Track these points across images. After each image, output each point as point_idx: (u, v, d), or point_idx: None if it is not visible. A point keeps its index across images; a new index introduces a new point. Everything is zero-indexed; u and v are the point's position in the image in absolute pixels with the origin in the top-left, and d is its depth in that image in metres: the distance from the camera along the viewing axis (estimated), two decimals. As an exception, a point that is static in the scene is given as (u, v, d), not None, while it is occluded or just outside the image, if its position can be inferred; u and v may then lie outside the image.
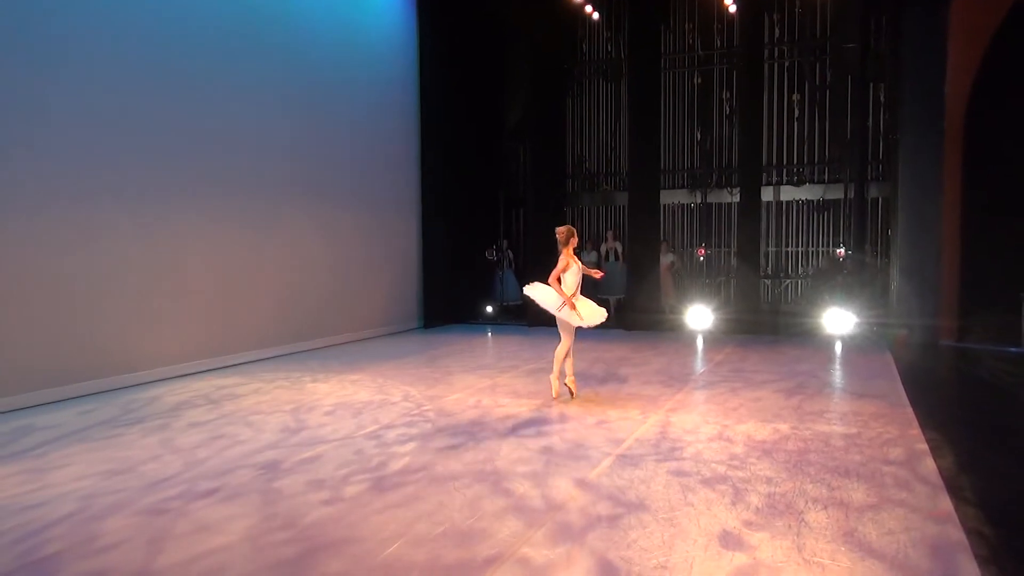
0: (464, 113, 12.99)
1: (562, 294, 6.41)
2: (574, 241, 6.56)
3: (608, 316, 6.73)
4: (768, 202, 14.56)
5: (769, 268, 14.82)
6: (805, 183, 14.53)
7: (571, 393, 6.73)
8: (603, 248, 14.46)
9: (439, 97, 12.49)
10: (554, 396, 6.70)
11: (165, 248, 7.96)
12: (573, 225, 7.22)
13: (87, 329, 7.18)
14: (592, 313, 6.51)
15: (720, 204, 15.24)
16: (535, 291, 6.60)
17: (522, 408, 6.36)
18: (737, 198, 13.52)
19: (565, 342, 6.60)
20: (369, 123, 11.30)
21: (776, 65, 14.52)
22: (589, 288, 6.90)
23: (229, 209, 8.79)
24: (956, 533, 3.49)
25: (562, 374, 6.75)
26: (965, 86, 9.55)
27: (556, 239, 6.58)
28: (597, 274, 6.87)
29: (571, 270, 6.47)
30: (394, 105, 11.97)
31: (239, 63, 8.90)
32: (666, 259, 13.74)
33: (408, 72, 12.27)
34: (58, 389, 6.89)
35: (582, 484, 4.31)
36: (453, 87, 12.69)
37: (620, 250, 14.13)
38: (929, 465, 4.58)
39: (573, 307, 6.40)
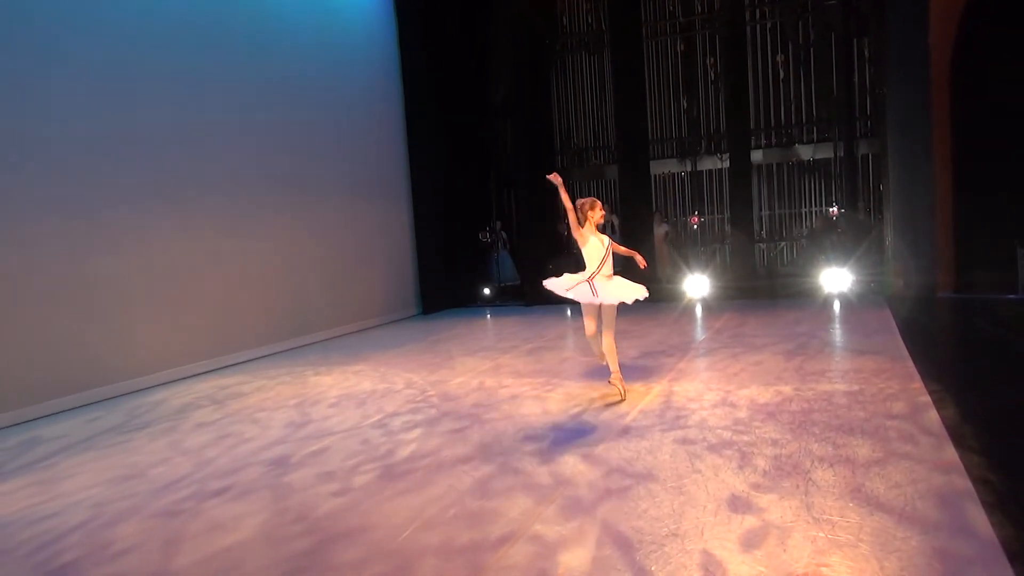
0: (448, 94, 12.89)
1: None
2: (592, 215, 5.56)
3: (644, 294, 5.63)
4: (758, 165, 14.53)
5: (763, 232, 14.83)
6: (794, 144, 14.49)
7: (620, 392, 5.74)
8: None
9: (421, 79, 12.39)
10: (623, 397, 5.69)
11: (158, 252, 7.93)
12: (559, 202, 6.13)
13: (87, 338, 7.17)
14: (621, 291, 5.51)
15: (710, 171, 15.21)
16: (553, 283, 5.67)
17: (525, 387, 6.38)
18: (727, 164, 13.50)
19: (587, 326, 5.70)
20: (352, 111, 11.22)
21: (758, 27, 14.42)
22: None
23: (220, 209, 8.75)
24: (962, 482, 3.52)
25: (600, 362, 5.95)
26: (949, 34, 9.49)
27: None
28: (641, 262, 5.82)
29: (589, 244, 5.54)
30: (376, 90, 11.88)
31: (216, 62, 8.82)
32: (660, 230, 13.75)
33: (388, 56, 12.17)
34: (62, 399, 6.90)
35: (589, 458, 4.33)
36: (435, 68, 12.57)
37: (616, 223, 14.13)
38: (932, 417, 4.61)
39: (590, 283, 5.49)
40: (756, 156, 14.28)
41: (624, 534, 3.25)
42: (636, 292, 5.53)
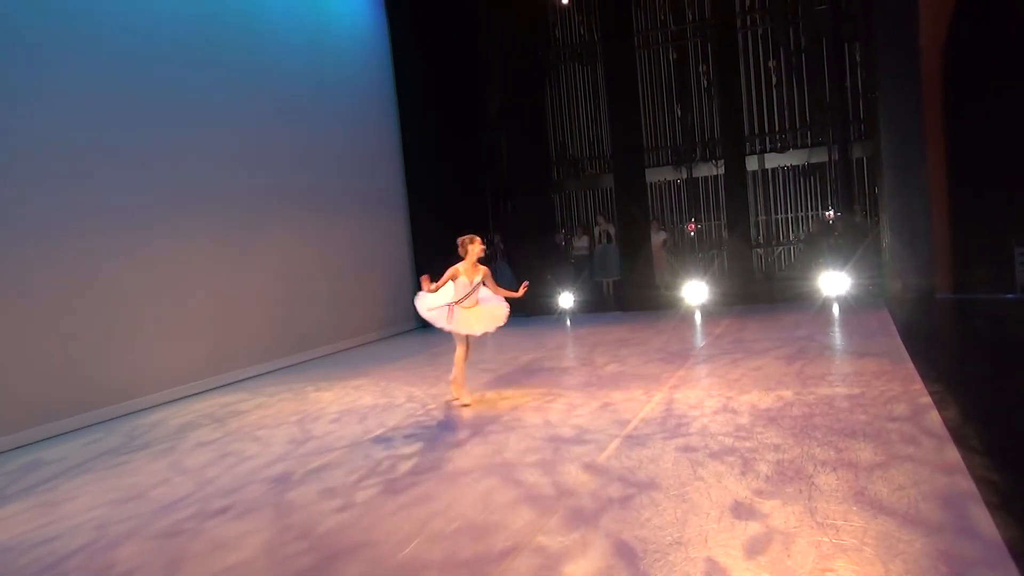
0: (442, 107, 12.93)
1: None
2: (473, 249, 6.23)
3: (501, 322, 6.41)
4: (753, 171, 14.58)
5: (760, 237, 14.86)
6: (789, 149, 14.54)
7: (461, 401, 6.32)
8: (596, 232, 14.48)
9: (416, 93, 12.44)
10: (466, 402, 6.31)
11: (155, 271, 7.93)
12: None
13: (86, 360, 7.15)
14: (475, 322, 6.21)
15: (706, 178, 15.26)
16: (420, 302, 6.38)
17: (526, 398, 6.37)
18: (722, 170, 13.55)
19: (459, 347, 6.32)
20: (347, 125, 11.25)
21: (750, 33, 14.52)
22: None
23: (216, 226, 8.76)
24: (965, 483, 3.51)
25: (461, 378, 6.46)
26: (939, 36, 9.53)
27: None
28: (514, 293, 6.55)
29: (461, 278, 6.17)
30: (371, 105, 11.92)
31: (213, 80, 8.84)
32: (658, 237, 13.77)
33: (382, 70, 12.22)
34: (61, 422, 6.87)
35: (591, 468, 4.32)
36: (429, 82, 12.61)
37: (613, 233, 14.16)
38: (934, 418, 4.61)
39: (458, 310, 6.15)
40: (751, 162, 14.33)
41: (628, 543, 3.24)
42: (492, 324, 6.33)
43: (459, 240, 6.32)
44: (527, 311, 12.50)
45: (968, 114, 9.47)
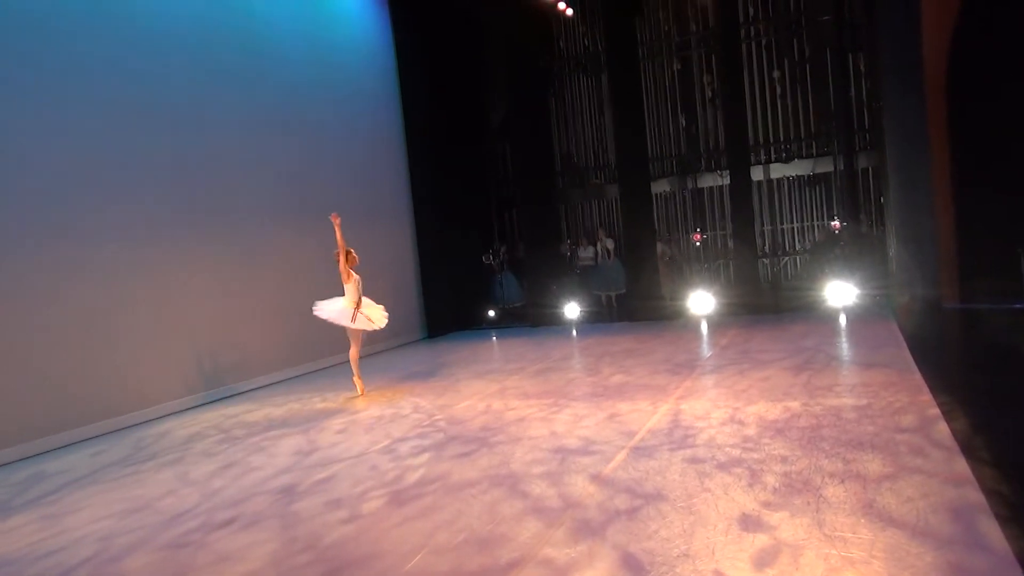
0: (447, 117, 12.99)
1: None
2: (353, 257, 7.66)
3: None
4: (759, 181, 14.56)
5: (766, 247, 14.82)
6: (794, 159, 14.53)
7: (360, 391, 7.80)
8: (598, 246, 14.48)
9: (421, 104, 12.49)
10: (361, 394, 7.73)
11: (162, 283, 7.96)
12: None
13: (91, 370, 7.18)
14: (379, 316, 7.81)
15: (711, 188, 15.25)
16: (322, 309, 7.59)
17: (532, 409, 6.35)
18: (727, 180, 13.54)
19: (354, 347, 7.75)
20: (353, 136, 11.30)
21: (754, 44, 14.53)
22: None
23: (222, 236, 8.80)
24: (975, 495, 3.49)
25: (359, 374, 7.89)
26: (942, 45, 9.52)
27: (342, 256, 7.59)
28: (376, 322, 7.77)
29: (352, 280, 7.56)
30: (376, 115, 11.96)
31: (215, 93, 8.90)
32: (658, 250, 13.75)
33: (387, 81, 12.27)
34: (67, 433, 6.89)
35: (598, 480, 4.31)
36: (433, 93, 12.67)
37: (612, 247, 14.15)
38: (942, 429, 4.58)
39: (360, 313, 7.55)
40: (756, 172, 14.32)
41: (635, 556, 3.22)
42: (384, 318, 7.88)
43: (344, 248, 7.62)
44: (532, 322, 12.51)
45: (973, 122, 9.43)
